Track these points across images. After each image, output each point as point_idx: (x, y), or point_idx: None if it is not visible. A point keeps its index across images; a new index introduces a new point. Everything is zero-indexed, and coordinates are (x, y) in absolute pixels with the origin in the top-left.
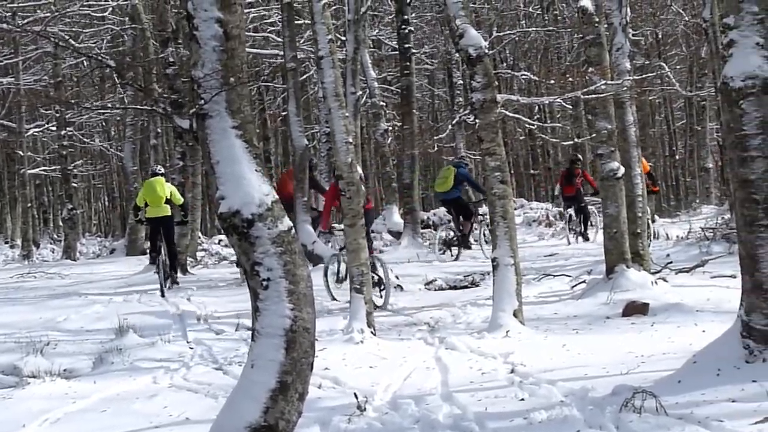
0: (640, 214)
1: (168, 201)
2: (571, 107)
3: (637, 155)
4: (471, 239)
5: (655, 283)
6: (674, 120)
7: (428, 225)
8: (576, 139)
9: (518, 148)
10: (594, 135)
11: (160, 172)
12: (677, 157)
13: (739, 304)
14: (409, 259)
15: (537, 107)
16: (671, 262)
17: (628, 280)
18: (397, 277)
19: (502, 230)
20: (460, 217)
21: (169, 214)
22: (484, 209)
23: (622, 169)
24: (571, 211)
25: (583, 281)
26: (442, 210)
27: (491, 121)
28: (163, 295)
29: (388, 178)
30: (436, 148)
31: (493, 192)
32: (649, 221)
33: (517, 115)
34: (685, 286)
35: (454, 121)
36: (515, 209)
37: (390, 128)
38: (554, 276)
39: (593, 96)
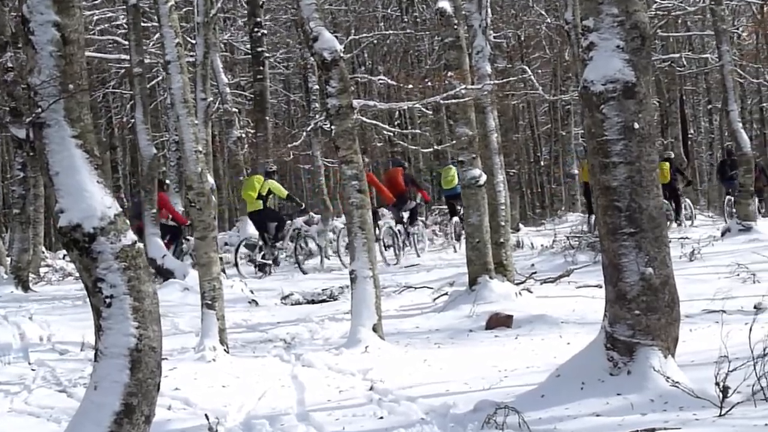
0: (503, 223)
1: (260, 197)
2: (431, 113)
3: (500, 162)
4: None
5: (520, 294)
6: (538, 125)
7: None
8: (437, 146)
9: (377, 156)
10: (455, 141)
11: (271, 170)
12: (542, 163)
13: (603, 315)
14: (269, 271)
15: (397, 113)
16: (536, 272)
17: (491, 292)
18: (252, 292)
19: (360, 241)
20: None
21: (260, 208)
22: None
23: (484, 177)
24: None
25: (445, 293)
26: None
27: (348, 128)
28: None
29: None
30: (291, 156)
31: (351, 201)
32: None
33: (375, 122)
34: (550, 296)
35: (309, 128)
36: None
37: (243, 135)
38: (415, 288)
39: (453, 101)
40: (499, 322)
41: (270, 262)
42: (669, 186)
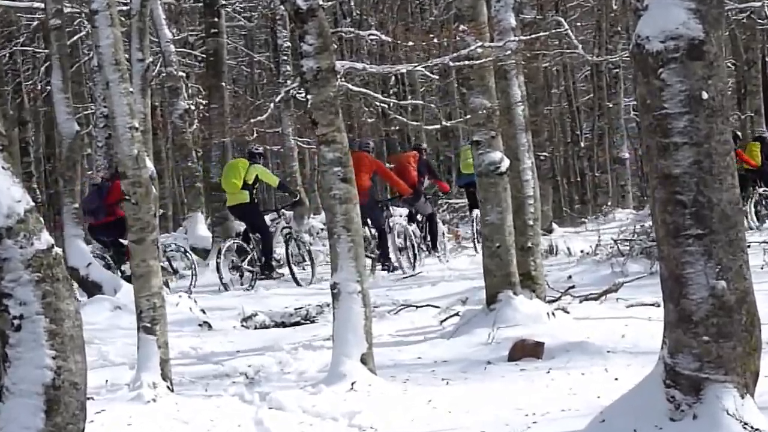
0: (531, 222)
1: (246, 186)
2: (438, 78)
3: (527, 142)
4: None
5: (553, 314)
6: (578, 94)
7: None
8: (445, 122)
9: (367, 134)
10: (469, 116)
11: (257, 151)
12: (582, 144)
13: (662, 342)
14: (219, 287)
15: (393, 79)
16: (574, 287)
17: (515, 312)
18: (203, 311)
19: (344, 246)
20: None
21: (245, 201)
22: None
23: (507, 162)
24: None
25: (456, 314)
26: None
27: (328, 98)
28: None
29: (191, 176)
30: (255, 134)
31: (333, 194)
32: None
33: (365, 90)
34: (593, 318)
35: (278, 98)
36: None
37: (193, 108)
38: (417, 307)
39: (466, 63)
40: (525, 351)
41: (256, 269)
42: (760, 172)
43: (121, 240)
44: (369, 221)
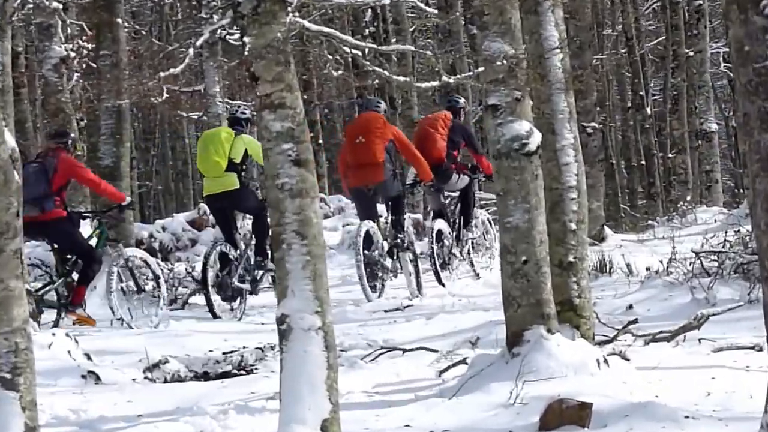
0: (573, 226)
1: (233, 166)
2: (435, 13)
3: (568, 109)
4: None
5: (604, 362)
6: (642, 38)
7: (152, 249)
8: (447, 77)
9: (332, 94)
10: (482, 69)
11: (243, 115)
12: (648, 110)
13: (766, 403)
14: (111, 320)
15: (368, 13)
16: (636, 321)
17: (550, 358)
18: (88, 357)
19: (297, 260)
20: None
21: (234, 187)
22: None
23: (538, 136)
24: None
25: (463, 360)
26: (181, 219)
27: (275, 42)
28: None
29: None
30: (165, 95)
31: (280, 183)
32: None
33: (328, 29)
34: (663, 368)
35: (200, 41)
36: (324, 216)
37: (73, 55)
38: (405, 350)
39: None
40: (565, 416)
41: (247, 286)
42: None
43: (72, 244)
44: (387, 205)
